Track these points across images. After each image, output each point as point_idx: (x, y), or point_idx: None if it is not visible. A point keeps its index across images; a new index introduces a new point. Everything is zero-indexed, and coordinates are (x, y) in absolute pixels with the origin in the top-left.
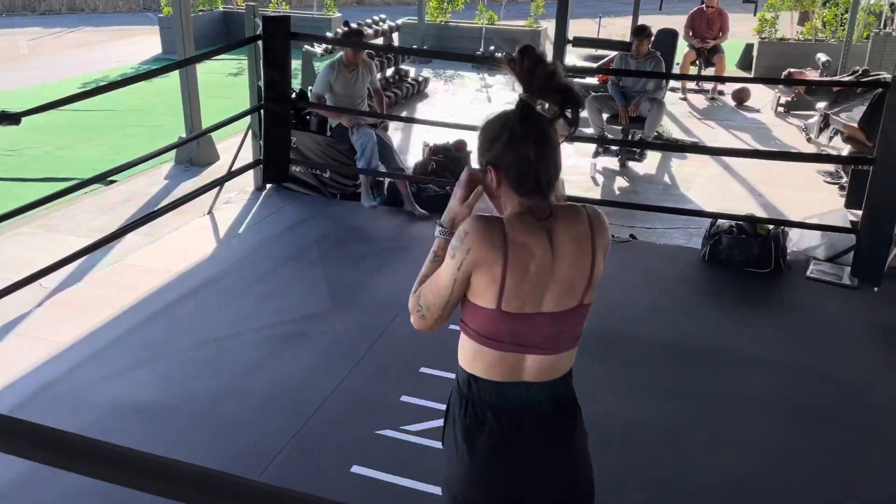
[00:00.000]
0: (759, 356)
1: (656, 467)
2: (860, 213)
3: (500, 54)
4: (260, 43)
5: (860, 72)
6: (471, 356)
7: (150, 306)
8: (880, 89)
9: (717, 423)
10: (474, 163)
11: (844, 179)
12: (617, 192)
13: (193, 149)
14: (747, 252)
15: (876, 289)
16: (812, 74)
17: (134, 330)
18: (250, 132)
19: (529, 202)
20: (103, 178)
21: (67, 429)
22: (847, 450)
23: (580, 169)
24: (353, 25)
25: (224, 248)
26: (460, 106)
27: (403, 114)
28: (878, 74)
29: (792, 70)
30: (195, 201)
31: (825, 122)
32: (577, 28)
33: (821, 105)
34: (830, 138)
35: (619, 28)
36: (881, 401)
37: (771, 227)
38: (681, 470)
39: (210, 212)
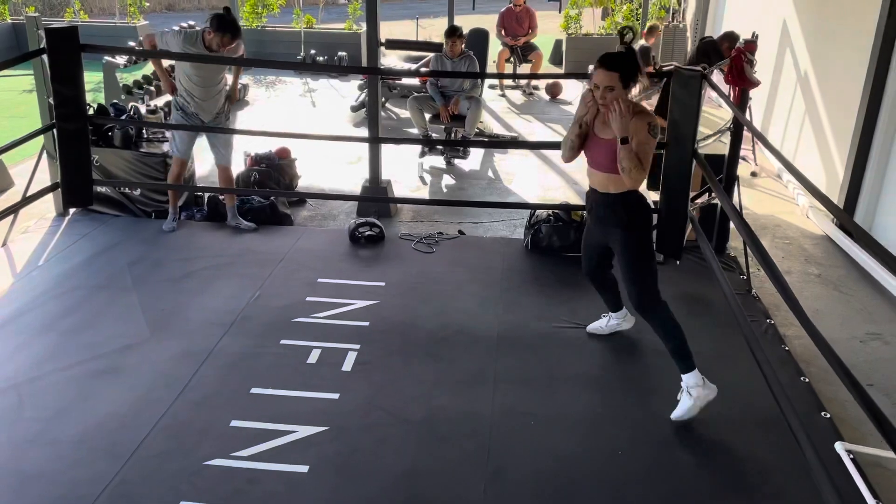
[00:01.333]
0: (581, 336)
1: (494, 454)
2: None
3: (321, 58)
4: (45, 57)
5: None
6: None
7: None
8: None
9: (545, 404)
10: (301, 169)
11: None
12: (444, 190)
13: None
14: (565, 238)
15: (678, 262)
16: None
17: None
18: (45, 153)
19: None
20: None
21: None
22: (662, 414)
23: (409, 169)
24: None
25: (23, 282)
26: (284, 112)
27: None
28: (669, 64)
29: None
30: None
31: None
32: (397, 29)
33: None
34: None
35: (438, 28)
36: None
37: (584, 213)
38: (516, 454)
39: (4, 244)
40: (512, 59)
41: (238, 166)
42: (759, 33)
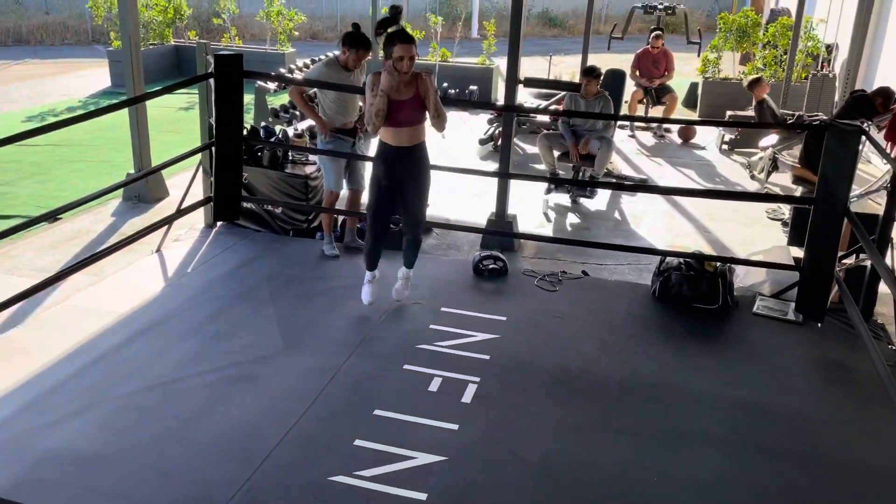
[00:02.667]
0: (709, 392)
1: None
2: (803, 250)
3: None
4: (212, 80)
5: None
6: None
7: (94, 350)
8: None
9: (668, 461)
10: (429, 199)
11: (787, 215)
12: (569, 229)
13: (142, 185)
14: (696, 288)
15: (819, 324)
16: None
17: (76, 375)
18: (201, 169)
19: None
20: (49, 217)
21: (2, 480)
22: (793, 485)
23: (533, 206)
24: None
25: (172, 287)
26: None
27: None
28: (816, 115)
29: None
30: (143, 239)
31: (774, 165)
32: (527, 66)
33: (763, 143)
34: (769, 173)
35: (568, 66)
36: (827, 435)
37: (718, 263)
38: None
39: (158, 250)
40: (645, 100)
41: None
42: None
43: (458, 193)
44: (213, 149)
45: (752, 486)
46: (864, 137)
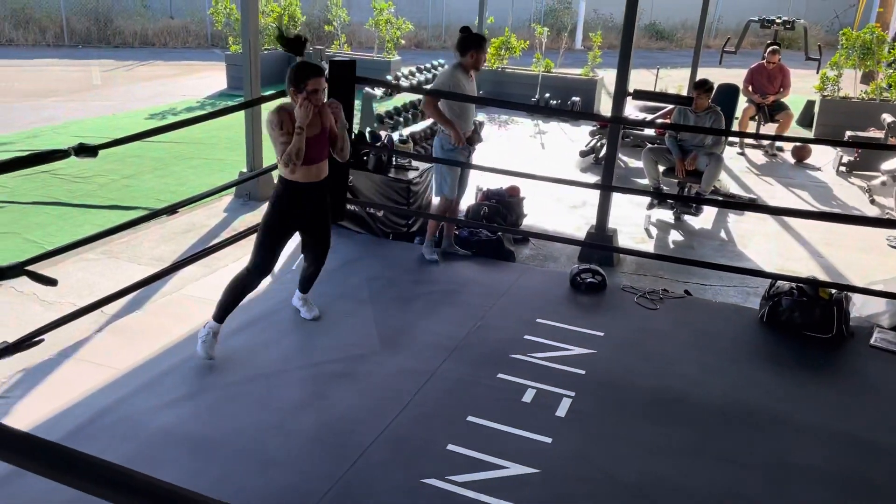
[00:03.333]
0: (815, 425)
1: None
2: None
3: (554, 102)
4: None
5: None
6: None
7: None
8: None
9: (768, 493)
10: (527, 208)
11: None
12: (671, 246)
13: (253, 184)
14: (808, 316)
15: None
16: (877, 134)
17: (188, 360)
18: None
19: None
20: (168, 211)
21: (117, 457)
22: None
23: (634, 220)
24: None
25: (277, 283)
26: (514, 151)
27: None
28: None
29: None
30: (252, 235)
31: None
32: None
33: (886, 167)
34: None
35: (674, 80)
36: None
37: (833, 291)
38: None
39: None
40: (757, 117)
41: (469, 199)
42: None
43: (557, 204)
44: None
45: None
46: None
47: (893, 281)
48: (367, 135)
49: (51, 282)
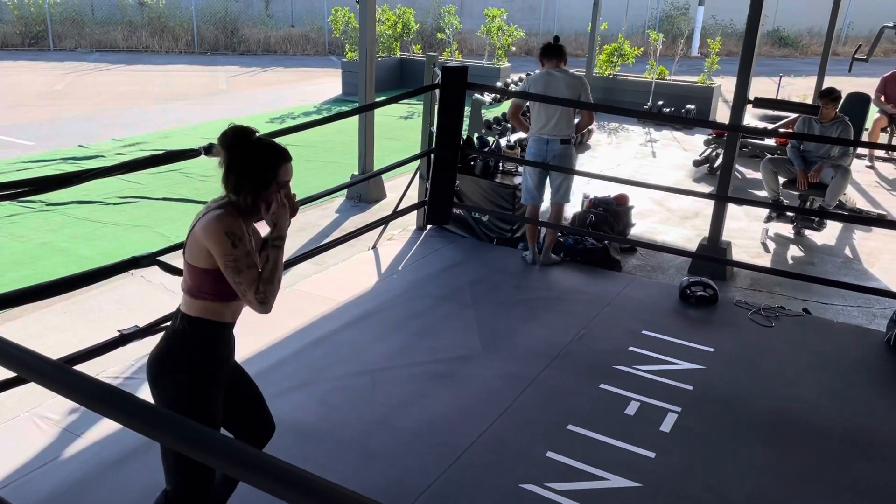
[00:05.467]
0: None
1: None
2: None
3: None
4: (437, 91)
5: None
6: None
7: (315, 332)
8: None
9: None
10: (635, 217)
11: None
12: (790, 262)
13: (364, 186)
14: None
15: None
16: None
17: (299, 353)
18: (418, 174)
19: None
20: None
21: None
22: None
23: (750, 233)
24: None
25: (385, 282)
26: (623, 159)
27: None
28: None
29: None
30: (362, 236)
31: None
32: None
33: None
34: None
35: (798, 88)
36: None
37: None
38: None
39: (374, 247)
40: (889, 128)
41: (575, 206)
42: None
43: (667, 215)
44: (432, 156)
45: None
46: None
47: None
48: (475, 140)
49: (178, 272)
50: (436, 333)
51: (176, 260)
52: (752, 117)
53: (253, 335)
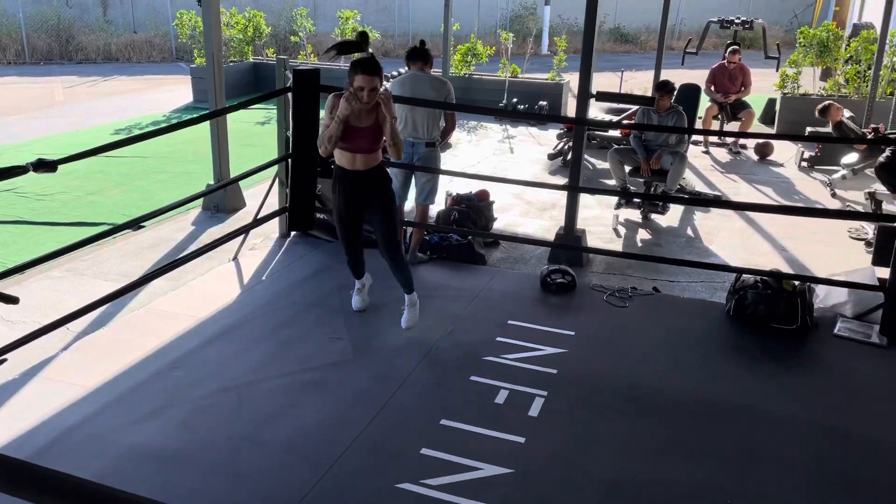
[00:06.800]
0: (785, 415)
1: None
2: (888, 270)
3: (521, 107)
4: (290, 94)
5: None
6: None
7: (174, 352)
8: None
9: (741, 484)
10: (497, 212)
11: (870, 235)
12: (639, 245)
13: (220, 195)
14: (773, 308)
15: None
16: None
17: (157, 375)
18: (277, 180)
19: None
20: (133, 225)
21: (87, 475)
22: None
23: (602, 220)
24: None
25: (248, 294)
26: (483, 156)
27: None
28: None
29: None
30: (220, 247)
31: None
32: (598, 81)
33: (845, 160)
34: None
35: (640, 82)
36: None
37: (797, 283)
38: None
39: (235, 258)
40: (720, 115)
41: (439, 204)
42: None
43: (526, 207)
44: (290, 161)
45: None
46: None
47: (855, 272)
48: None
49: (12, 300)
50: (304, 341)
51: (10, 287)
52: (599, 111)
53: (102, 362)
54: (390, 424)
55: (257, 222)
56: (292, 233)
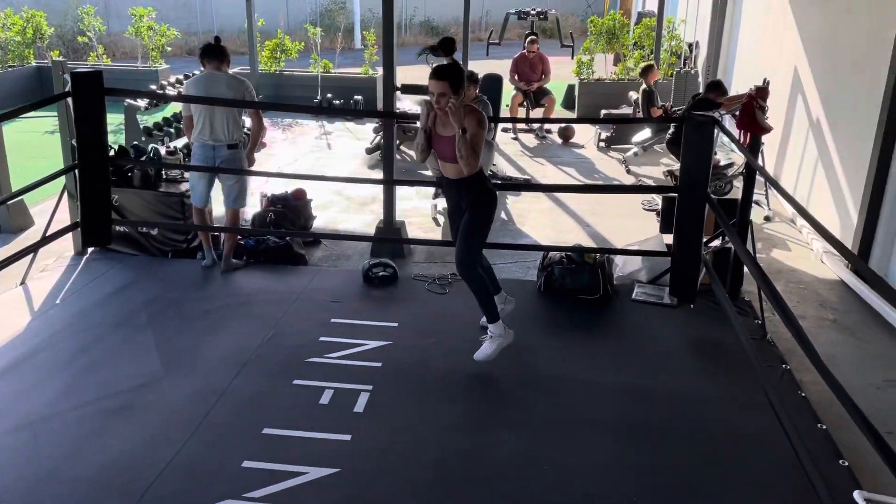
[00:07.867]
0: (596, 380)
1: (509, 499)
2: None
3: (337, 102)
4: (70, 99)
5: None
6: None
7: None
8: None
9: (562, 449)
10: (316, 210)
11: (660, 206)
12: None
13: (3, 214)
14: (578, 281)
15: (692, 305)
16: (628, 111)
17: None
18: (66, 193)
19: None
20: None
21: None
22: (678, 460)
23: (421, 211)
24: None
25: (40, 320)
26: (300, 154)
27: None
28: (681, 109)
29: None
30: (5, 271)
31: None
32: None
33: (636, 139)
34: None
35: None
36: (704, 410)
37: (597, 255)
38: (531, 500)
39: (24, 282)
40: (525, 103)
41: (254, 207)
42: (770, 79)
43: (347, 203)
44: (77, 171)
45: (640, 466)
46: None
47: (647, 241)
48: (130, 150)
49: None
50: (109, 365)
51: None
52: (412, 103)
53: None
54: (208, 441)
55: (46, 240)
56: (89, 249)
